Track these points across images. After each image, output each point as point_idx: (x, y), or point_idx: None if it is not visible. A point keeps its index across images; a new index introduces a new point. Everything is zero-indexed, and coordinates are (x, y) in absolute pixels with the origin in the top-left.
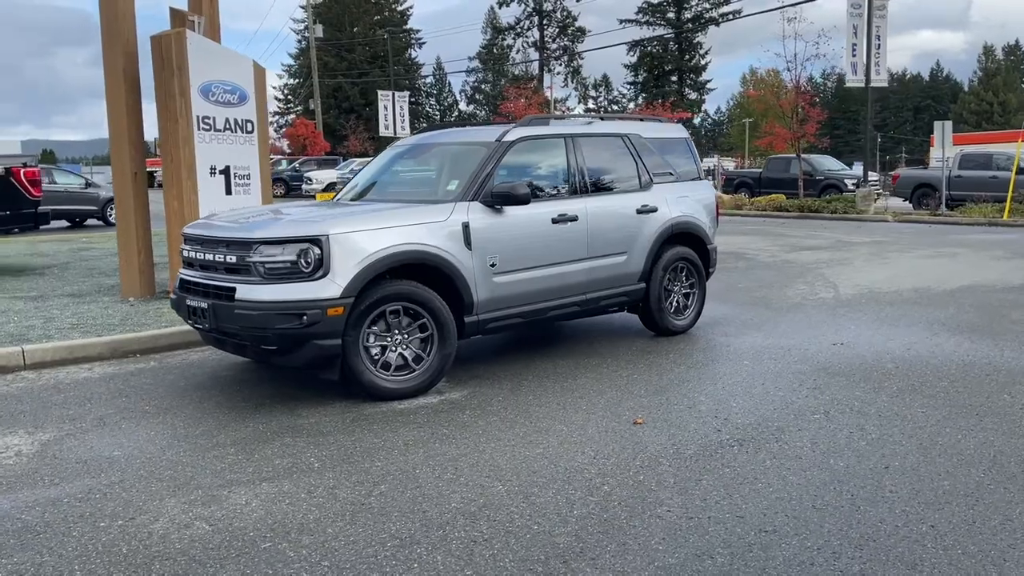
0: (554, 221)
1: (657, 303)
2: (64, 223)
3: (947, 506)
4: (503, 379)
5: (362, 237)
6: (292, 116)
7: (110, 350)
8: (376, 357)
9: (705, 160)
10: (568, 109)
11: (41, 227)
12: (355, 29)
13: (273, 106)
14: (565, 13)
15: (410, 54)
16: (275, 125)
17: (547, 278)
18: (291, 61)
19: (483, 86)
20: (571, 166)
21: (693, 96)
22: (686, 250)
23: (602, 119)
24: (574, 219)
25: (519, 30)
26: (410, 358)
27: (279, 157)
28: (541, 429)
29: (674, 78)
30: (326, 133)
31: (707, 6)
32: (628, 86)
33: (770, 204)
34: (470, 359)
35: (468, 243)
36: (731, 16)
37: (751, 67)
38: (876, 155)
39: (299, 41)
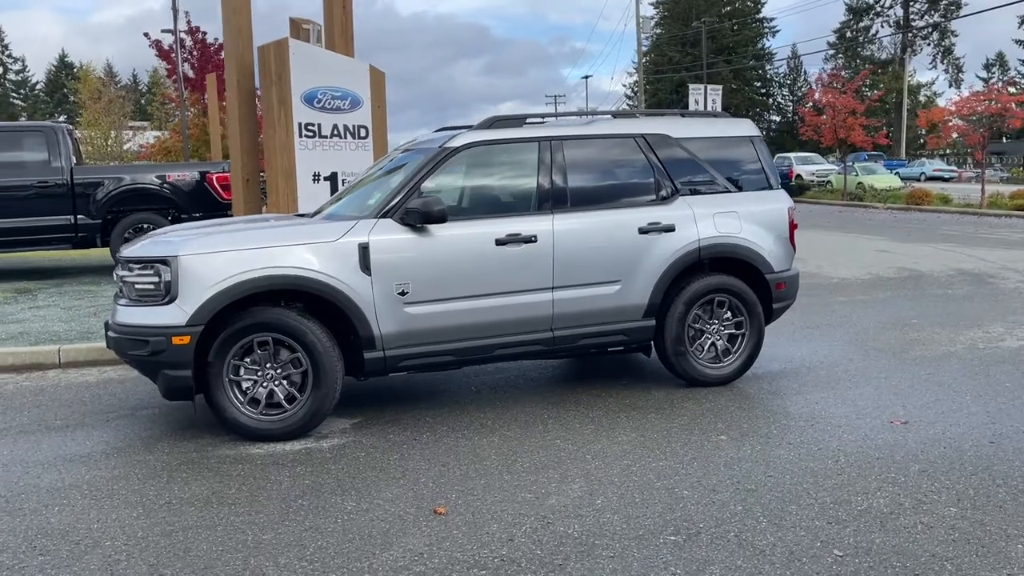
0: (499, 243)
1: (675, 345)
2: None
3: None
4: (413, 428)
5: (221, 259)
6: None
7: None
8: (248, 392)
9: None
10: (936, 94)
11: None
12: (702, 22)
13: (623, 104)
14: None
15: (763, 43)
16: None
17: (489, 310)
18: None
19: (843, 73)
20: (542, 176)
21: None
22: (728, 280)
23: (613, 116)
24: (530, 240)
25: (879, 9)
26: (283, 396)
27: None
28: (319, 507)
29: None
30: None
31: None
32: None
33: None
34: (428, 395)
35: (366, 267)
36: None
37: None
38: None
39: (646, 38)
